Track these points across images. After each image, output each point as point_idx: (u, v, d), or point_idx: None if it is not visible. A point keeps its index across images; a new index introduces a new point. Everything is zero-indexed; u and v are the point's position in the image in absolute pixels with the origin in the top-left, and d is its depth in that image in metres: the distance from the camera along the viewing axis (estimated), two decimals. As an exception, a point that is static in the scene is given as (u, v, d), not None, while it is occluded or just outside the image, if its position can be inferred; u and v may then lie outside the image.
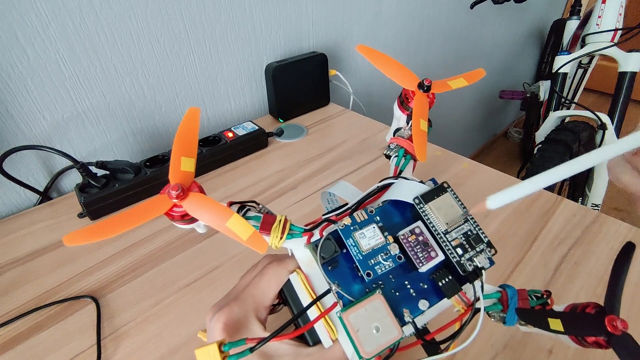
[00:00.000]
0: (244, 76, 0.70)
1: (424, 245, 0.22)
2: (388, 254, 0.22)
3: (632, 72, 1.05)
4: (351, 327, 0.19)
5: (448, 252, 0.22)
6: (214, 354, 0.18)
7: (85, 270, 0.41)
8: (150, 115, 0.60)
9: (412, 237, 0.23)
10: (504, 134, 2.23)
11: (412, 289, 0.22)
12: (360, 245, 0.22)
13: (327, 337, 0.21)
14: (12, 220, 0.48)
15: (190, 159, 0.22)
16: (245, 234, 0.20)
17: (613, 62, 1.08)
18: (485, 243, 0.22)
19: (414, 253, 0.22)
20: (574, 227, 0.45)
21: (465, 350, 0.33)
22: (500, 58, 1.68)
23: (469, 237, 0.22)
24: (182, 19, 0.57)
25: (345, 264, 0.22)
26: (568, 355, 0.32)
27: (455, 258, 0.22)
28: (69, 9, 0.46)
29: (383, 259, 0.22)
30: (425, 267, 0.22)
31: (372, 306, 0.20)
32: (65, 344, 0.34)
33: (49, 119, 0.50)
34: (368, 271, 0.22)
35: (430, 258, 0.22)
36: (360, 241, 0.22)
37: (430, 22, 1.11)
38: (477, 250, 0.22)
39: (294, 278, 0.23)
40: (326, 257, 0.22)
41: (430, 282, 0.22)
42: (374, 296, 0.21)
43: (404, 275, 0.22)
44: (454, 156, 0.60)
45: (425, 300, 0.22)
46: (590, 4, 1.24)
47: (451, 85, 0.27)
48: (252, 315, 0.22)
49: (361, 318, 0.20)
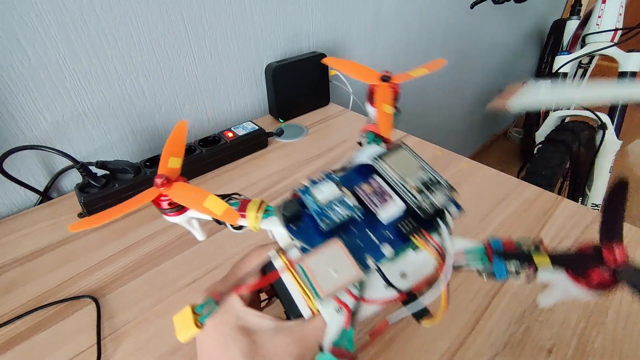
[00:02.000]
0: (244, 76, 0.70)
1: (380, 194, 0.23)
2: (344, 203, 0.23)
3: (632, 72, 1.05)
4: (309, 270, 0.20)
5: (406, 198, 0.22)
6: (188, 315, 0.20)
7: (85, 270, 0.41)
8: (150, 115, 0.60)
9: (369, 187, 0.23)
10: (504, 134, 2.23)
11: (375, 238, 0.22)
12: (317, 198, 0.23)
13: (305, 307, 0.22)
14: (12, 220, 0.48)
15: (177, 158, 0.24)
16: (220, 210, 0.22)
17: (613, 62, 1.08)
18: (444, 186, 0.22)
19: (370, 200, 0.23)
20: (573, 226, 0.45)
21: (464, 349, 0.33)
22: (500, 58, 1.68)
23: (427, 183, 0.23)
24: (182, 19, 0.57)
25: (311, 224, 0.23)
26: (568, 354, 0.32)
27: (415, 202, 0.22)
28: (70, 10, 0.46)
29: (339, 208, 0.22)
30: (383, 212, 0.22)
31: (330, 252, 0.20)
32: (65, 344, 0.34)
33: (50, 119, 0.50)
34: (323, 218, 0.22)
35: (384, 201, 0.23)
36: (317, 195, 0.23)
37: (430, 22, 1.11)
38: (433, 192, 0.22)
39: (273, 255, 0.23)
40: (288, 215, 0.22)
41: (394, 230, 0.23)
42: (331, 242, 0.21)
43: (366, 227, 0.23)
44: (453, 156, 0.60)
45: (388, 245, 0.22)
46: (590, 4, 1.24)
47: (412, 74, 0.29)
48: (233, 292, 0.23)
49: (320, 263, 0.20)
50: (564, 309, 0.36)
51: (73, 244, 0.45)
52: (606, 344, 0.33)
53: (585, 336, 0.34)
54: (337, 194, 0.23)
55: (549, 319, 0.35)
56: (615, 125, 1.08)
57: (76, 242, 0.45)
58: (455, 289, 0.38)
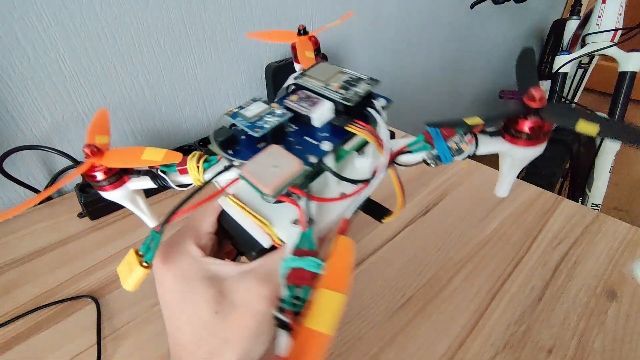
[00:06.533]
0: (244, 76, 0.70)
1: (308, 98, 0.23)
2: (274, 114, 0.23)
3: (632, 72, 1.05)
4: (249, 173, 0.19)
5: (331, 95, 0.23)
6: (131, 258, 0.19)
7: (85, 270, 0.41)
8: (150, 115, 0.60)
9: (295, 97, 0.24)
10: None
11: (313, 139, 0.22)
12: (246, 116, 0.23)
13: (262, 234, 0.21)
14: (11, 221, 0.48)
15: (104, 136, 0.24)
16: (159, 156, 0.21)
17: (613, 62, 1.07)
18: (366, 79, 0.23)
19: (299, 106, 0.23)
20: (573, 226, 0.45)
21: (464, 349, 0.33)
22: (500, 58, 1.68)
23: (349, 81, 0.23)
24: (182, 19, 0.57)
25: (247, 144, 0.23)
26: (568, 354, 0.32)
27: (340, 96, 0.22)
28: (70, 10, 0.46)
29: (269, 118, 0.22)
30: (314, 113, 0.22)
31: (268, 154, 0.20)
32: (65, 344, 0.34)
33: (49, 119, 0.50)
34: (255, 128, 0.22)
35: (314, 103, 0.23)
36: (246, 113, 0.23)
37: (430, 22, 1.11)
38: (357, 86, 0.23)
39: (223, 201, 0.23)
40: (221, 139, 0.22)
41: (329, 130, 0.23)
42: (268, 147, 0.20)
43: (302, 132, 0.23)
44: (453, 156, 0.60)
45: (327, 142, 0.22)
46: (590, 4, 1.24)
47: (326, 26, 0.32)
48: (190, 240, 0.22)
49: (260, 165, 0.19)
50: (564, 309, 0.36)
51: (73, 244, 0.45)
52: (606, 344, 0.33)
53: (585, 336, 0.34)
54: (265, 108, 0.23)
55: (549, 319, 0.35)
56: (616, 125, 1.08)
57: (76, 242, 0.45)
58: (455, 288, 0.38)
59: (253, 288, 0.19)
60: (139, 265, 0.19)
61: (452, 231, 0.45)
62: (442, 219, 0.46)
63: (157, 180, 0.24)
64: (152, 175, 0.24)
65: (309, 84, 0.24)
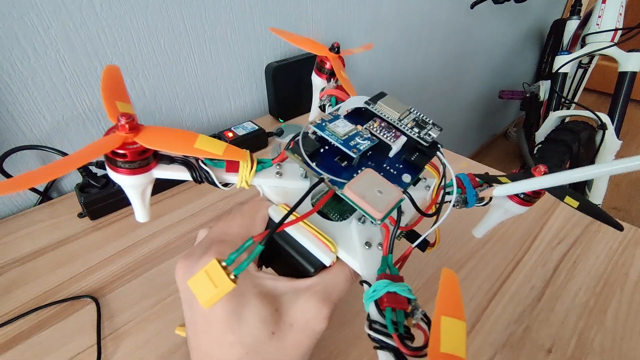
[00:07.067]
0: (244, 76, 0.70)
1: (388, 129, 0.25)
2: (362, 136, 0.23)
3: (632, 72, 1.05)
4: (356, 194, 0.19)
5: (408, 132, 0.25)
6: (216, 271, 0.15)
7: (85, 270, 0.41)
8: (150, 115, 0.60)
9: (377, 123, 0.25)
10: (503, 133, 2.23)
11: (391, 169, 0.23)
12: (337, 133, 0.23)
13: (327, 252, 0.21)
14: (12, 220, 0.48)
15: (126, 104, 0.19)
16: (219, 149, 0.18)
17: (613, 62, 1.08)
18: (430, 124, 0.26)
19: (383, 134, 0.24)
20: (573, 226, 0.45)
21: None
22: (500, 58, 1.68)
23: (417, 121, 0.26)
24: (182, 19, 0.57)
25: (328, 159, 0.23)
26: (567, 354, 0.32)
27: (417, 134, 0.24)
28: (70, 10, 0.46)
29: (361, 140, 0.23)
30: (396, 145, 0.24)
31: (367, 178, 0.20)
32: (65, 344, 0.34)
33: (50, 119, 0.50)
34: (353, 149, 0.22)
35: (398, 136, 0.24)
36: (336, 130, 0.23)
37: (430, 22, 1.11)
38: (427, 128, 0.25)
39: (275, 210, 0.23)
40: (309, 151, 0.22)
41: (402, 162, 0.24)
42: (365, 171, 0.21)
43: (381, 161, 0.24)
44: (453, 156, 0.60)
45: (407, 174, 0.23)
46: (590, 4, 1.24)
47: (353, 50, 0.33)
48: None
49: (361, 187, 0.20)
50: (564, 309, 0.36)
51: (73, 244, 0.45)
52: (606, 344, 0.33)
53: (585, 335, 0.34)
54: (353, 129, 0.24)
55: (549, 319, 0.35)
56: (616, 125, 1.08)
57: (76, 242, 0.45)
58: (455, 288, 0.38)
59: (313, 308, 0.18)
60: (227, 279, 0.15)
61: (452, 231, 0.45)
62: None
63: (197, 173, 0.21)
64: (190, 166, 0.21)
65: (383, 112, 0.26)
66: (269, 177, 0.23)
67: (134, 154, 0.18)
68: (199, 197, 0.51)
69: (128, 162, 0.18)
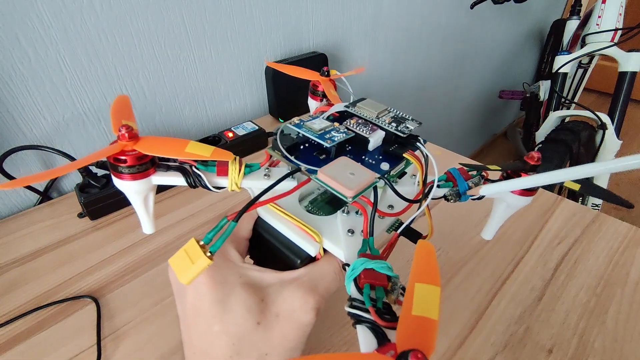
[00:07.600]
0: (244, 76, 0.70)
1: (365, 124, 0.26)
2: (339, 131, 0.25)
3: (632, 72, 1.05)
4: (328, 176, 0.20)
5: (386, 127, 0.26)
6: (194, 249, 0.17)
7: (85, 270, 0.41)
8: (150, 116, 0.60)
9: (354, 120, 0.27)
10: (503, 133, 2.23)
11: (370, 160, 0.24)
12: (313, 129, 0.24)
13: (311, 242, 0.22)
14: (12, 220, 0.48)
15: (131, 122, 0.21)
16: (207, 152, 0.20)
17: (613, 62, 1.08)
18: (409, 119, 0.27)
19: (359, 129, 0.25)
20: (573, 226, 0.45)
21: (464, 348, 0.33)
22: (500, 58, 1.68)
23: (396, 118, 0.27)
24: (182, 20, 0.57)
25: (307, 153, 0.24)
26: (568, 354, 0.32)
27: (394, 128, 0.26)
28: (70, 11, 0.46)
29: (336, 134, 0.24)
30: (373, 137, 0.25)
31: (340, 163, 0.22)
32: (65, 344, 0.34)
33: (50, 119, 0.50)
34: (328, 140, 0.23)
35: (374, 129, 0.25)
36: (312, 126, 0.25)
37: (430, 22, 1.11)
38: (405, 123, 0.26)
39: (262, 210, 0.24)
40: (287, 144, 0.24)
41: (382, 154, 0.25)
42: (340, 158, 0.22)
43: (360, 154, 0.25)
44: (453, 156, 0.60)
45: (386, 163, 0.24)
46: (590, 4, 1.24)
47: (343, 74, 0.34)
48: (229, 244, 0.21)
49: (335, 171, 0.21)
50: (564, 309, 0.36)
51: (73, 244, 0.45)
52: (606, 344, 0.33)
53: (586, 336, 0.34)
54: (329, 124, 0.25)
55: (549, 319, 0.35)
56: (615, 125, 1.08)
57: (76, 242, 0.45)
58: (456, 288, 0.38)
59: (299, 299, 0.18)
60: (203, 256, 0.17)
61: (452, 231, 0.45)
62: (442, 218, 0.46)
63: (191, 178, 0.23)
64: (185, 172, 0.23)
65: (362, 113, 0.27)
66: (257, 179, 0.24)
67: (133, 159, 0.20)
68: (198, 198, 0.51)
69: (128, 167, 0.21)
